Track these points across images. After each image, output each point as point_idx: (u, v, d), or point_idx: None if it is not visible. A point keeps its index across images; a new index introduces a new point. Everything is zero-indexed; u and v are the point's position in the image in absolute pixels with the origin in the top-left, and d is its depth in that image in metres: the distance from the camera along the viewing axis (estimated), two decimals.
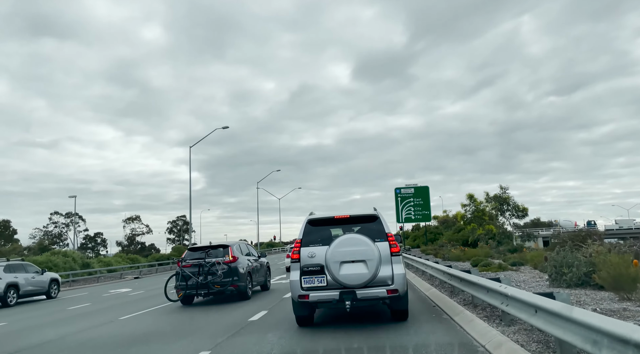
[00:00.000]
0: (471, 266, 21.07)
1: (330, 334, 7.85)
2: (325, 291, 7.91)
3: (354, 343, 7.00)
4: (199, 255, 14.38)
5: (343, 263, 7.75)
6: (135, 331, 9.83)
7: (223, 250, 14.38)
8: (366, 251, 7.73)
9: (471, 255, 24.75)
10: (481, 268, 18.29)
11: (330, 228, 8.62)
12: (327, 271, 7.84)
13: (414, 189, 49.59)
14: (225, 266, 13.85)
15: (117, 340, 8.88)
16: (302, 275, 8.01)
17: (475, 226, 43.88)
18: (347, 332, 7.89)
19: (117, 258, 46.83)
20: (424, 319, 8.92)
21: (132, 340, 8.75)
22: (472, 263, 20.79)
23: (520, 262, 19.69)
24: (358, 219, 8.60)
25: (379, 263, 7.72)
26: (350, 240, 7.91)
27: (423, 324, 8.39)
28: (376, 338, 7.28)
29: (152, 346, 8.10)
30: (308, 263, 8.04)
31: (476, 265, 20.32)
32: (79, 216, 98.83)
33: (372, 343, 6.96)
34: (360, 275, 7.67)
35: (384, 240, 8.16)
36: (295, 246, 8.38)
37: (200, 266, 13.85)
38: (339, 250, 7.77)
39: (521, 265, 19.39)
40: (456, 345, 6.64)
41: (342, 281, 7.73)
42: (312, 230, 8.47)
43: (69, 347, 8.62)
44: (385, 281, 7.85)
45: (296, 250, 8.28)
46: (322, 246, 8.06)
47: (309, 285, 7.96)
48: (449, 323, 8.51)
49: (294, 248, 8.44)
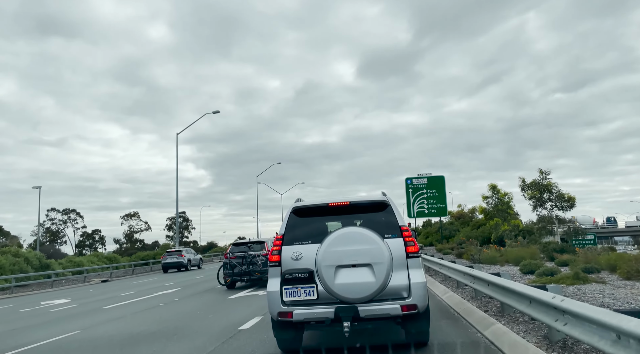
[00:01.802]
0: (521, 272, 15.28)
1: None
2: (315, 307, 6.00)
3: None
4: (241, 248, 17.93)
5: (340, 267, 5.88)
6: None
7: (260, 244, 17.93)
8: (372, 252, 5.85)
9: (512, 256, 19.00)
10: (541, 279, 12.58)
11: (324, 219, 6.71)
12: (318, 279, 5.98)
13: (427, 179, 43.62)
14: (263, 258, 16.85)
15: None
16: (284, 283, 6.10)
17: (500, 221, 38.11)
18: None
19: (91, 258, 41.69)
20: None
21: None
22: (523, 268, 15.02)
23: (593, 268, 13.90)
24: (361, 207, 6.69)
25: (390, 268, 5.86)
26: (350, 235, 6.00)
27: None
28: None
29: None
30: (292, 268, 6.17)
31: (532, 272, 14.53)
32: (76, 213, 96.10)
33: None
34: (363, 285, 5.78)
35: (397, 235, 6.25)
36: (275, 244, 6.49)
37: (244, 257, 17.13)
38: (335, 249, 5.92)
39: (597, 272, 13.64)
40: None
41: (338, 293, 5.83)
42: (298, 222, 6.64)
43: None
44: (398, 294, 5.97)
45: (276, 249, 6.43)
46: (312, 245, 6.22)
47: (292, 298, 6.05)
48: None
49: (273, 246, 6.54)
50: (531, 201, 26.65)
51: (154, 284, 24.72)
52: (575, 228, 26.42)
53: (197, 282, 23.34)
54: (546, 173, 26.24)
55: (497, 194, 40.07)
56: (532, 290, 6.27)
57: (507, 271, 16.68)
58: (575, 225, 27.06)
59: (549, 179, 26.06)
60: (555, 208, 25.99)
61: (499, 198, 40.06)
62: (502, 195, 39.61)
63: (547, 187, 25.84)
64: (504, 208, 39.35)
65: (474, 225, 47.80)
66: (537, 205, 26.37)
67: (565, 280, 11.56)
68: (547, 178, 26.13)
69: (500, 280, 7.40)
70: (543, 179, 26.18)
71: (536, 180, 26.39)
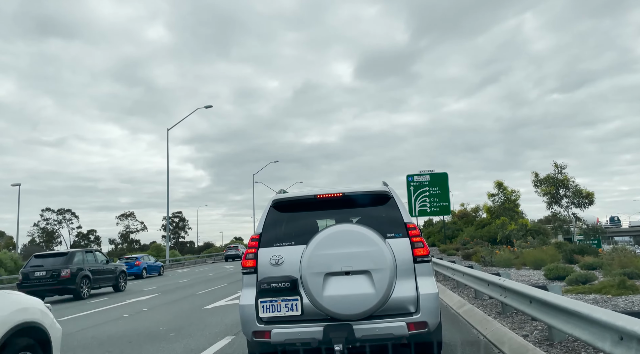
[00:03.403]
0: (545, 278, 13.19)
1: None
2: (299, 325, 4.86)
3: None
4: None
5: (331, 275, 4.77)
6: None
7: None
8: (371, 255, 4.76)
9: (529, 258, 16.89)
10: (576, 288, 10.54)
11: (312, 215, 5.53)
12: (304, 290, 4.84)
13: (429, 176, 41.34)
14: None
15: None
16: (261, 295, 4.88)
17: (506, 220, 36.07)
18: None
19: None
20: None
21: None
22: (548, 274, 12.91)
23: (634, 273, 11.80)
24: (357, 200, 5.45)
25: (393, 276, 4.77)
26: (344, 235, 4.86)
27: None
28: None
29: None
30: (271, 276, 4.98)
31: (559, 278, 12.43)
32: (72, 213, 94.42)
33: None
34: (360, 298, 4.68)
35: (402, 234, 5.11)
36: (250, 246, 5.28)
37: None
38: (324, 252, 4.80)
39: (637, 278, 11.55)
40: None
41: (328, 308, 4.72)
42: (279, 218, 5.45)
43: None
44: (404, 308, 4.85)
45: (251, 252, 5.24)
46: (296, 247, 5.06)
47: (271, 314, 4.87)
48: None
49: (247, 249, 5.33)
50: (545, 197, 24.45)
51: (134, 287, 22.71)
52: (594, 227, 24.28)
53: (182, 286, 21.29)
54: (562, 167, 24.07)
55: (504, 192, 38.05)
56: (614, 317, 4.18)
57: (528, 276, 14.60)
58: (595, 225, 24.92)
59: (565, 173, 23.87)
60: (572, 205, 23.81)
61: (505, 196, 38.05)
62: (508, 193, 37.62)
63: (563, 182, 23.65)
64: (510, 206, 37.35)
65: (478, 224, 45.77)
66: (552, 201, 24.17)
67: (609, 290, 9.47)
68: (563, 173, 23.96)
69: (556, 298, 5.28)
70: (558, 174, 24.00)
71: (551, 174, 24.22)
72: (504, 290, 7.44)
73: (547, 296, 5.55)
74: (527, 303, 6.23)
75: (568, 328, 5.00)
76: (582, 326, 4.74)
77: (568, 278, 11.47)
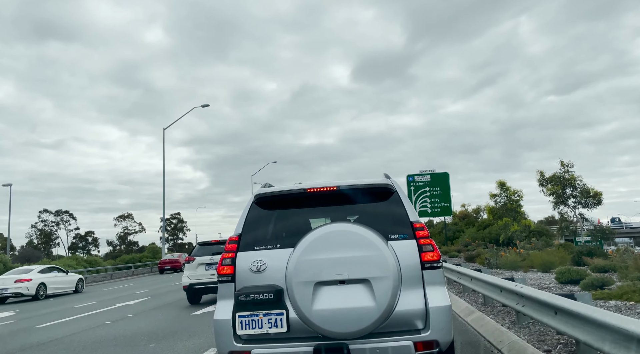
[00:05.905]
0: (557, 282, 12.38)
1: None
2: (284, 344, 4.11)
3: None
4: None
5: (322, 285, 4.03)
6: None
7: None
8: (370, 260, 4.02)
9: (537, 261, 16.08)
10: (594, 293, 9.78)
11: (302, 213, 4.71)
12: (290, 303, 4.10)
13: (430, 176, 40.64)
14: None
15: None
16: (239, 308, 4.11)
17: (509, 221, 35.30)
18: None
19: (69, 261, 38.83)
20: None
21: None
22: (560, 277, 12.09)
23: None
24: (354, 195, 4.66)
25: (397, 286, 4.03)
26: (338, 236, 4.12)
27: None
28: None
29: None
30: (251, 285, 4.25)
31: (572, 282, 11.63)
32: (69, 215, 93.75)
33: None
34: (357, 312, 3.94)
35: (408, 235, 4.36)
36: (227, 249, 4.49)
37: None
38: (314, 257, 4.06)
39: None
40: None
41: (319, 325, 3.96)
42: (263, 216, 4.65)
43: None
44: (410, 323, 4.12)
45: (228, 256, 4.45)
46: (281, 250, 4.34)
47: (251, 332, 4.12)
48: None
49: (223, 253, 4.50)
50: (551, 197, 23.62)
51: (124, 292, 21.96)
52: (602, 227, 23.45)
53: (174, 289, 20.50)
54: (569, 165, 23.24)
55: (506, 192, 37.27)
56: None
57: (537, 280, 13.80)
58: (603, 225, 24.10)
59: (571, 172, 23.03)
60: (579, 205, 22.98)
61: (507, 196, 37.28)
62: (511, 193, 36.82)
63: (570, 181, 22.82)
64: (513, 207, 36.57)
65: (479, 225, 44.98)
66: (558, 201, 23.33)
67: (632, 296, 8.67)
68: (570, 171, 23.11)
69: (592, 311, 4.49)
70: (565, 172, 23.16)
71: (557, 173, 23.38)
72: (521, 297, 6.64)
73: (578, 308, 4.76)
74: (552, 314, 5.43)
75: (608, 347, 4.21)
76: (626, 346, 3.96)
77: (583, 282, 10.67)
